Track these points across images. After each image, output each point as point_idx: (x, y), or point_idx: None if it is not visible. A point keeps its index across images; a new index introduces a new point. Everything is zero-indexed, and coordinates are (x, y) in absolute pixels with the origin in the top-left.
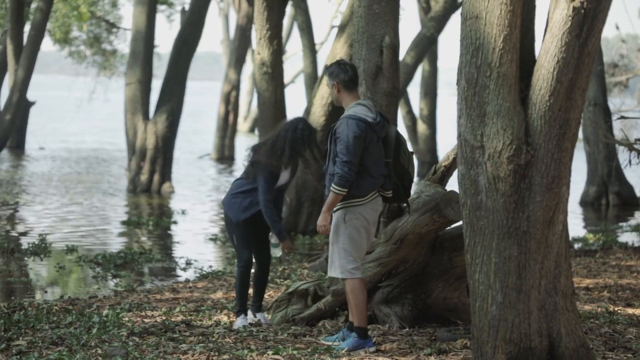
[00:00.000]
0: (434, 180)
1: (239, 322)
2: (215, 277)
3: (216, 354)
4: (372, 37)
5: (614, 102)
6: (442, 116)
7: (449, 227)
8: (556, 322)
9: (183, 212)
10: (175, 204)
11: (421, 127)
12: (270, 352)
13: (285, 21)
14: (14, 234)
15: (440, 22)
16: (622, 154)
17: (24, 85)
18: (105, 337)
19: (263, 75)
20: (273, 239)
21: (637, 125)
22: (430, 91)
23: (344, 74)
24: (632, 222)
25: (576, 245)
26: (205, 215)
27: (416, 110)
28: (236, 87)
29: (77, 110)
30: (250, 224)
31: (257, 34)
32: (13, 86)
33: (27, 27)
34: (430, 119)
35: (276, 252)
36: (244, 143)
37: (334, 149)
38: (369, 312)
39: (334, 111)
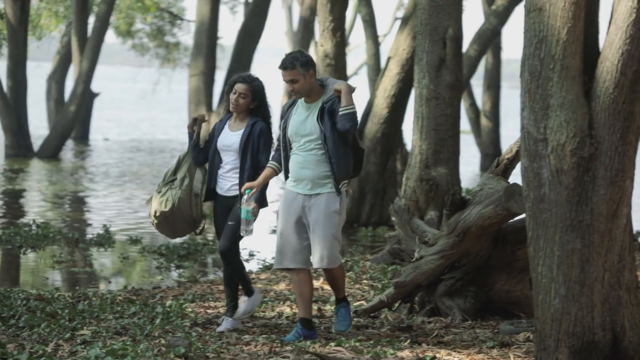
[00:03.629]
0: (497, 172)
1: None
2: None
3: (279, 345)
4: (435, 29)
5: None
6: (505, 109)
7: (511, 220)
8: (620, 316)
9: None
10: None
11: (484, 119)
12: (332, 344)
13: (349, 13)
14: (78, 224)
15: (503, 14)
16: None
17: (88, 76)
18: (169, 328)
19: (326, 67)
20: (245, 205)
21: None
22: (493, 83)
23: (314, 61)
24: None
25: None
26: (269, 206)
27: (479, 103)
28: None
29: (141, 101)
30: (213, 206)
31: (321, 26)
32: (77, 77)
33: (91, 19)
34: (493, 112)
35: (245, 224)
36: None
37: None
38: (431, 305)
39: (397, 103)
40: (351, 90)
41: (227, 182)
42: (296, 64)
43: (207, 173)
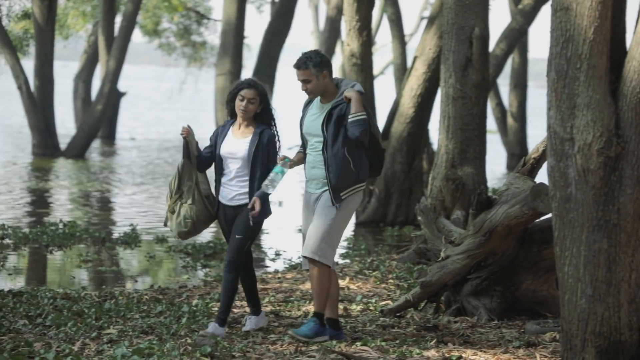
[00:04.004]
0: (523, 172)
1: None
2: (305, 269)
3: (305, 344)
4: (461, 28)
5: None
6: (531, 108)
7: (538, 220)
8: None
9: (280, 204)
10: None
11: (510, 119)
12: (358, 343)
13: (375, 12)
14: (104, 223)
15: (530, 13)
16: None
17: (115, 75)
18: (195, 327)
19: (352, 66)
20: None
21: None
22: (520, 83)
23: (329, 61)
24: None
25: None
26: (294, 206)
27: (506, 102)
28: None
29: (168, 100)
30: (217, 213)
31: (347, 25)
32: (104, 77)
33: (118, 18)
34: (520, 111)
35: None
36: None
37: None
38: (457, 304)
39: (424, 103)
40: (360, 97)
41: (231, 191)
42: (309, 64)
43: (215, 181)
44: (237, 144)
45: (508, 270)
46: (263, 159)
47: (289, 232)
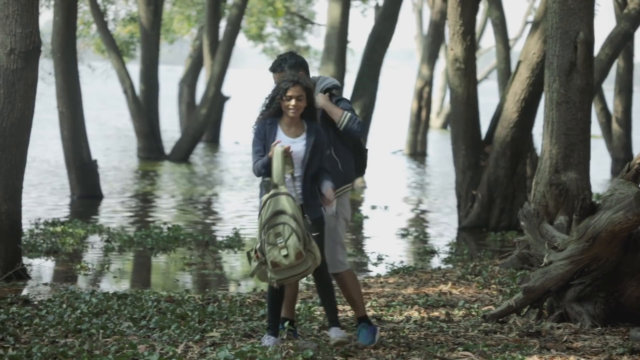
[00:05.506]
0: (627, 177)
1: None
2: (407, 273)
3: (407, 349)
4: (566, 32)
5: None
6: (637, 113)
7: None
8: None
9: (386, 208)
10: (368, 199)
11: (615, 124)
12: (460, 349)
13: (479, 17)
14: (208, 226)
15: (636, 17)
16: None
17: (220, 80)
18: (297, 331)
19: (456, 71)
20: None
21: None
22: (625, 88)
23: (305, 62)
24: None
25: None
26: (398, 210)
27: (610, 107)
28: (429, 83)
29: None
30: None
31: (451, 30)
32: (209, 81)
33: (222, 23)
34: (625, 116)
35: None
36: (437, 139)
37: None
38: (560, 310)
39: (527, 107)
40: (328, 100)
41: (291, 192)
42: (284, 66)
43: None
44: (295, 145)
45: (612, 276)
46: (317, 157)
47: (391, 236)
